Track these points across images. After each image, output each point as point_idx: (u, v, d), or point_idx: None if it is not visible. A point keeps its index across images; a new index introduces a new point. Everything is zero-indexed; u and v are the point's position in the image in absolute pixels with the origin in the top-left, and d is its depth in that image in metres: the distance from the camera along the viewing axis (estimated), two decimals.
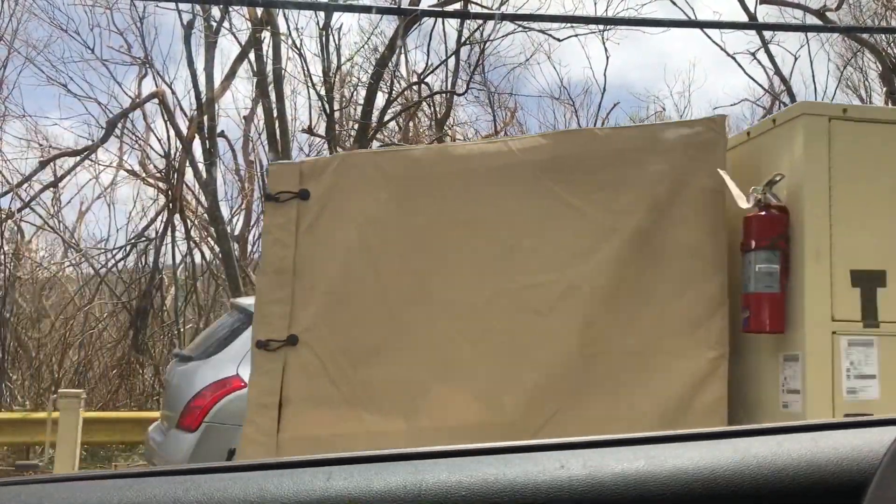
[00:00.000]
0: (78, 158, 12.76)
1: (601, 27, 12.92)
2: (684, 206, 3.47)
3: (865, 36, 13.05)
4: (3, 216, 12.12)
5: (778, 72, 13.11)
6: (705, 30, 12.01)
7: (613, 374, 3.41)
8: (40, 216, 13.30)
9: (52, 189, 13.15)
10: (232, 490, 0.97)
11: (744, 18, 12.43)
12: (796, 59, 14.22)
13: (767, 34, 12.61)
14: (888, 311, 3.23)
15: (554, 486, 0.99)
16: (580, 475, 1.00)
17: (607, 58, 16.40)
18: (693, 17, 12.61)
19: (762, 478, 1.01)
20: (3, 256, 11.98)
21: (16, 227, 12.67)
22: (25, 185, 12.44)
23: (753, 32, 12.45)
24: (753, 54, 13.51)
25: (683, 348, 3.39)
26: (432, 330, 3.47)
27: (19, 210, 12.31)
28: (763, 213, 3.31)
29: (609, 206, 3.47)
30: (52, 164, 12.87)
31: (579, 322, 3.43)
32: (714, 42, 14.06)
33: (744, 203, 3.27)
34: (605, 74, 16.30)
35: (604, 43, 14.24)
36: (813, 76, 16.92)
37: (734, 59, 13.29)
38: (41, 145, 13.55)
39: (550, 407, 3.38)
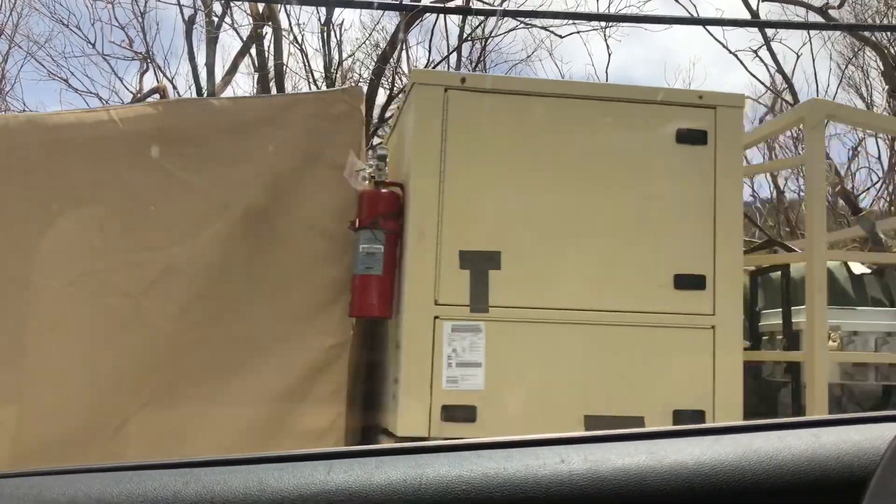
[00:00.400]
0: None
1: (603, 24, 12.91)
2: (312, 183, 3.25)
3: (867, 34, 13.03)
4: None
5: (780, 69, 13.10)
6: (707, 27, 12.00)
7: (218, 362, 3.16)
8: None
9: None
10: (232, 483, 0.97)
11: (746, 16, 12.42)
12: (798, 56, 14.21)
13: (770, 32, 12.60)
14: (503, 296, 2.98)
15: (555, 480, 0.99)
16: (581, 469, 1.00)
17: (609, 55, 16.44)
18: (695, 15, 12.58)
19: (763, 473, 1.00)
20: None
21: None
22: None
23: (756, 30, 12.43)
24: (756, 52, 13.51)
25: (301, 335, 3.19)
26: (4, 314, 3.15)
27: None
28: (373, 190, 3.14)
29: (223, 181, 3.23)
30: None
31: (178, 305, 3.17)
32: (716, 39, 14.07)
33: (355, 182, 3.13)
34: (606, 72, 16.25)
35: (606, 40, 14.26)
36: (815, 74, 16.95)
37: (736, 56, 13.32)
38: None
39: (138, 399, 3.11)
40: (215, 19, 11.91)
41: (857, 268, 4.33)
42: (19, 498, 0.96)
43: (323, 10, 11.57)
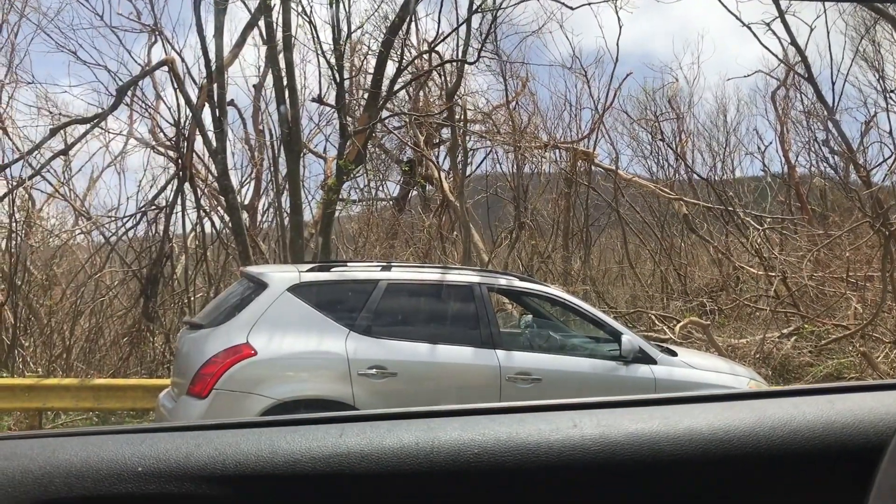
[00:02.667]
0: (88, 126, 12.73)
1: None
2: None
3: (882, 6, 12.84)
4: (14, 184, 12.13)
5: (794, 42, 12.92)
6: None
7: None
8: (51, 184, 13.32)
9: (62, 157, 13.14)
10: (243, 445, 0.97)
11: None
12: (812, 29, 14.05)
13: (784, 4, 12.43)
14: None
15: (567, 444, 0.99)
16: (593, 434, 1.00)
17: (620, 27, 16.29)
18: None
19: (778, 439, 1.00)
20: (14, 224, 12.02)
21: (27, 195, 12.69)
22: (36, 152, 12.43)
23: (770, 2, 12.27)
24: (769, 24, 13.33)
25: None
26: None
27: (30, 178, 12.31)
28: None
29: None
30: (62, 131, 12.86)
31: None
32: (729, 11, 13.90)
33: None
34: (617, 44, 16.15)
35: (617, 12, 14.11)
36: (829, 47, 16.75)
37: (749, 28, 13.10)
38: (51, 113, 13.54)
39: None
40: None
41: None
42: (33, 458, 0.96)
43: None
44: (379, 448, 0.97)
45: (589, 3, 12.61)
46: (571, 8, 12.87)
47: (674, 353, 6.56)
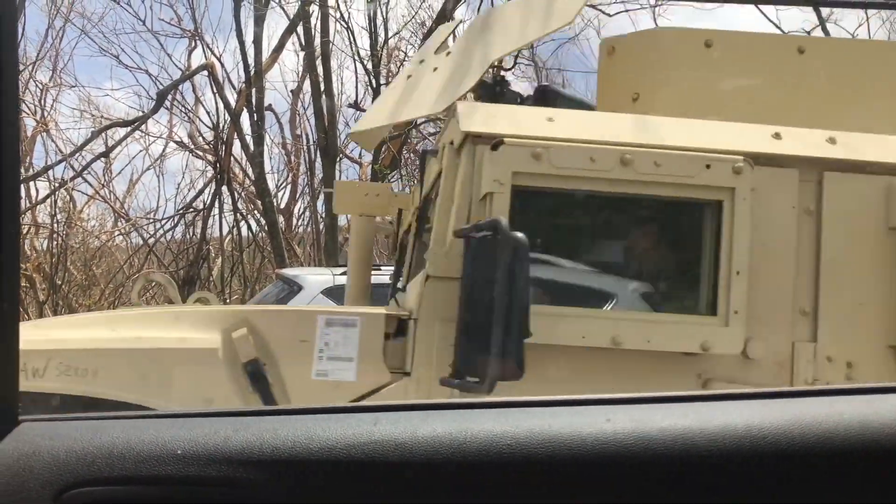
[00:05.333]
0: (129, 129, 12.96)
1: (652, 2, 12.71)
2: None
3: None
4: (57, 185, 12.38)
5: None
6: (760, 6, 11.73)
7: None
8: (92, 186, 13.57)
9: (103, 159, 13.39)
10: (281, 431, 0.98)
11: None
12: (854, 38, 13.81)
13: (825, 11, 12.28)
14: None
15: (599, 438, 0.99)
16: (626, 429, 1.00)
17: None
18: None
19: (813, 438, 0.99)
20: (55, 225, 12.26)
21: (68, 197, 12.94)
22: (78, 154, 12.68)
23: (810, 9, 12.12)
24: (809, 33, 13.17)
25: None
26: None
27: (72, 179, 12.56)
28: None
29: None
30: (103, 134, 13.10)
31: None
32: (769, 19, 13.75)
33: None
34: None
35: (655, 19, 14.01)
36: None
37: None
38: (93, 116, 13.81)
39: None
40: None
41: None
42: (77, 438, 0.99)
43: None
44: (412, 437, 0.98)
45: (626, 11, 12.57)
46: (609, 14, 12.84)
47: None
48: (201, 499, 0.96)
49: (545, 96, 3.63)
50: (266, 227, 12.08)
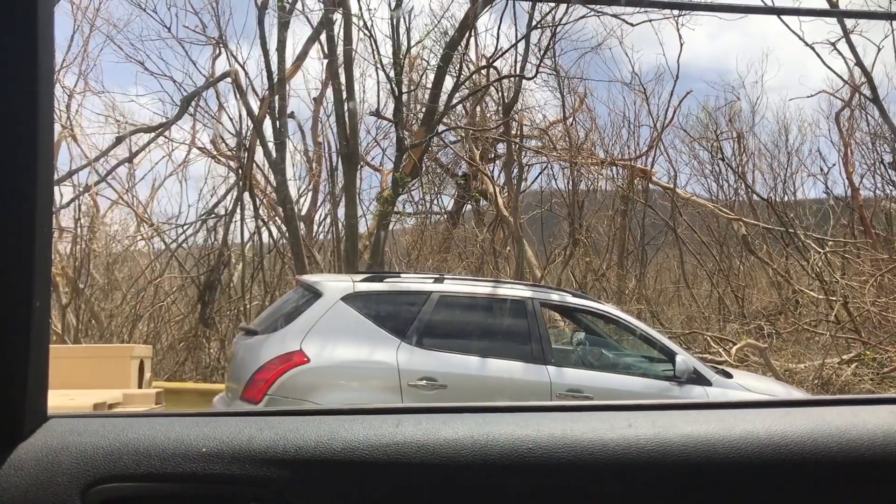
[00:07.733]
0: (153, 135, 13.08)
1: (676, 12, 12.68)
2: None
3: None
4: (81, 190, 12.51)
5: (859, 62, 12.67)
6: (783, 17, 11.68)
7: None
8: (115, 191, 13.70)
9: (127, 164, 13.52)
10: (305, 431, 0.99)
11: (825, 6, 12.05)
12: (879, 49, 13.72)
13: (849, 23, 12.19)
14: None
15: (621, 443, 0.99)
16: (648, 434, 1.00)
17: (681, 44, 16.15)
18: (771, 4, 12.25)
19: (836, 446, 0.99)
20: (79, 229, 12.39)
21: (92, 201, 13.08)
22: (102, 159, 12.82)
23: (834, 20, 12.05)
24: (833, 44, 13.09)
25: None
26: None
27: (96, 184, 12.70)
28: None
29: None
30: (127, 139, 13.23)
31: None
32: (792, 30, 13.68)
33: None
34: (678, 61, 15.96)
35: (678, 29, 14.00)
36: None
37: (812, 49, 12.88)
38: (118, 121, 13.95)
39: None
40: (287, 4, 12.06)
41: None
42: (104, 435, 1.01)
43: None
44: (434, 439, 0.98)
45: (650, 21, 12.56)
46: (632, 24, 12.83)
47: (729, 376, 6.44)
48: (225, 496, 0.97)
49: None
50: (287, 234, 12.15)
